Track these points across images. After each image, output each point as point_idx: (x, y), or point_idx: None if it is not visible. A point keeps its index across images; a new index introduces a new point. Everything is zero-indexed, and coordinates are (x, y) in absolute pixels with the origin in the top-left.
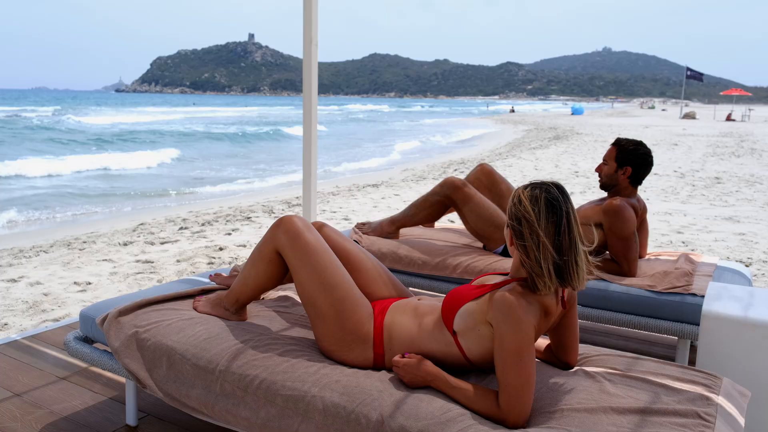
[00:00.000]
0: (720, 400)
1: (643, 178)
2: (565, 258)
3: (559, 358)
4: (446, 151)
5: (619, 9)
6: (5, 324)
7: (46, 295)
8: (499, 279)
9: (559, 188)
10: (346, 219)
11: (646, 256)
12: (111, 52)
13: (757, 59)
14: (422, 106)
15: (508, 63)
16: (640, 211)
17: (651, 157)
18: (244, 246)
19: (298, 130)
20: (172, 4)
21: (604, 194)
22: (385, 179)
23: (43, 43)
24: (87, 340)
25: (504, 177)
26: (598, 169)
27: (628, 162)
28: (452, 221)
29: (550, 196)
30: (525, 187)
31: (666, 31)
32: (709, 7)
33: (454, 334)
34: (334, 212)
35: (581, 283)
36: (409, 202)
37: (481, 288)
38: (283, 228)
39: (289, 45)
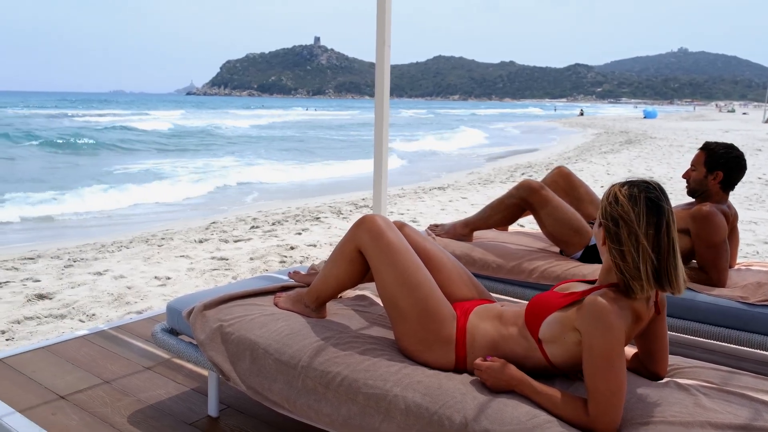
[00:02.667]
0: None
1: (736, 183)
2: (664, 261)
3: (648, 368)
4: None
5: (698, 7)
6: (93, 314)
7: (129, 288)
8: (585, 286)
9: (659, 187)
10: (414, 221)
11: (736, 266)
12: (183, 57)
13: None
14: (503, 109)
15: (577, 65)
16: (731, 218)
17: (744, 160)
18: (314, 246)
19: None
20: (241, 9)
21: (682, 199)
22: (451, 182)
23: (119, 49)
24: (172, 332)
25: (582, 181)
26: (686, 175)
27: (719, 166)
28: (522, 225)
29: (651, 195)
30: (622, 185)
31: (749, 29)
32: None
33: (539, 342)
34: (402, 214)
35: (679, 287)
36: (477, 205)
37: (568, 296)
38: (366, 227)
39: (354, 48)
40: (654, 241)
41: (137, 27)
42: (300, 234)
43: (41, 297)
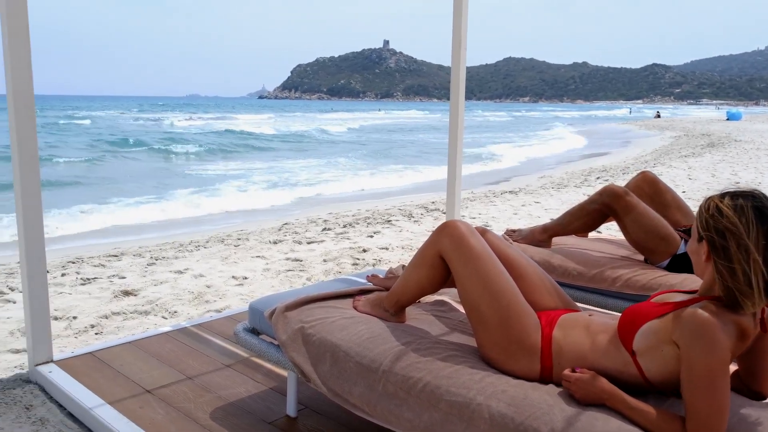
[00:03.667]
0: None
1: None
2: None
3: (749, 386)
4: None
5: None
6: (175, 312)
7: (208, 287)
8: (684, 297)
9: (764, 195)
10: (486, 225)
11: None
12: (254, 61)
13: None
14: (584, 111)
15: (654, 65)
16: None
17: None
18: (386, 249)
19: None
20: (312, 14)
21: None
22: (522, 186)
23: (194, 54)
24: (254, 332)
25: (669, 186)
26: None
27: None
28: (599, 231)
29: (757, 204)
30: (721, 196)
31: None
32: None
33: (632, 354)
34: (473, 218)
35: None
36: (551, 210)
37: (664, 305)
38: (447, 232)
39: (423, 50)
40: (765, 253)
41: (212, 32)
42: (371, 237)
43: (126, 293)
